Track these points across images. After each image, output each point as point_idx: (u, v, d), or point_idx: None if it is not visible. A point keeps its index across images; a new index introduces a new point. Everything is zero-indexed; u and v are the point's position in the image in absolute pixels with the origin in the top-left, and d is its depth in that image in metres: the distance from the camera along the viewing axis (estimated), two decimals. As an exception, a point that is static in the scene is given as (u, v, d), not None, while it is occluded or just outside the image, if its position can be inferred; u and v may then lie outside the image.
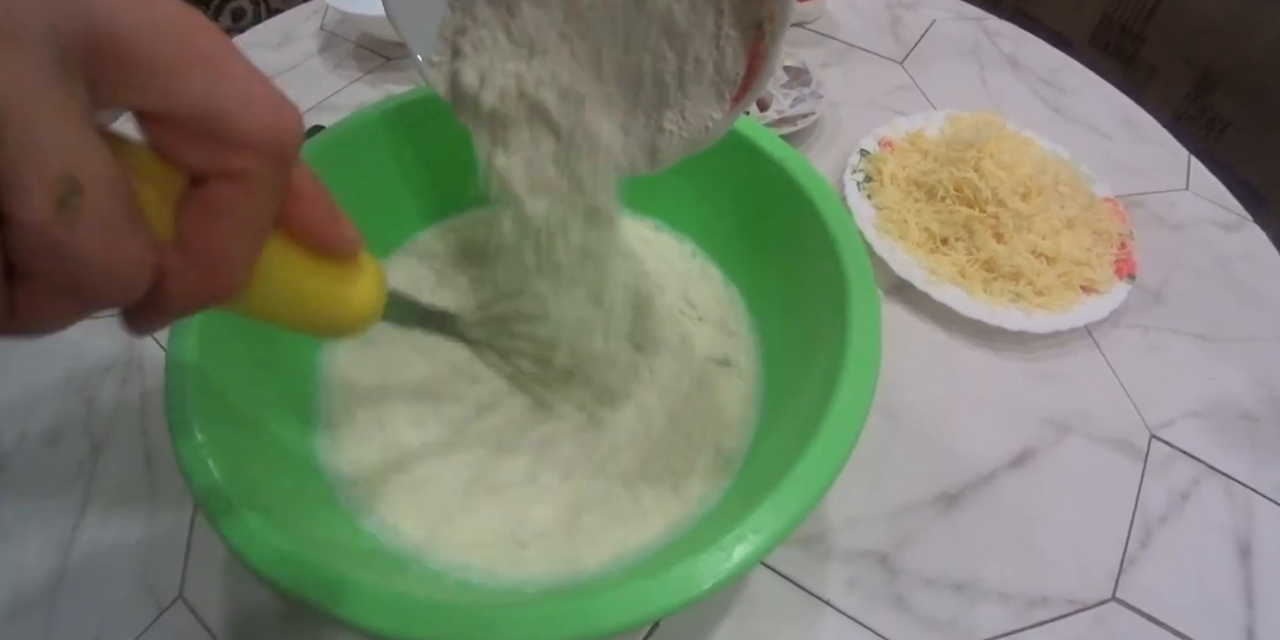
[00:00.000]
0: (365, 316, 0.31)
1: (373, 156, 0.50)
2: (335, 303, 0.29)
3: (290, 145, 0.21)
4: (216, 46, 0.20)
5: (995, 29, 0.87)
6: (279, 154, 0.21)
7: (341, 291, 0.29)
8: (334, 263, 0.28)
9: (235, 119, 0.20)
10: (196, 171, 0.21)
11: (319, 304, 0.28)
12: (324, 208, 0.26)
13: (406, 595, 0.32)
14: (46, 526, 0.49)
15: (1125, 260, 0.61)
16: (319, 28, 0.85)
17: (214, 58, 0.20)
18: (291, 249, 0.26)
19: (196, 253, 0.21)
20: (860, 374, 0.36)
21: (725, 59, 0.35)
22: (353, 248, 0.28)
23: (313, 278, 0.27)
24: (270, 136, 0.21)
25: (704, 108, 0.36)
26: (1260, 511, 0.51)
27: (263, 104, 0.21)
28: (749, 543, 0.31)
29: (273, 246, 0.25)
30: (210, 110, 0.20)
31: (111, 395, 0.55)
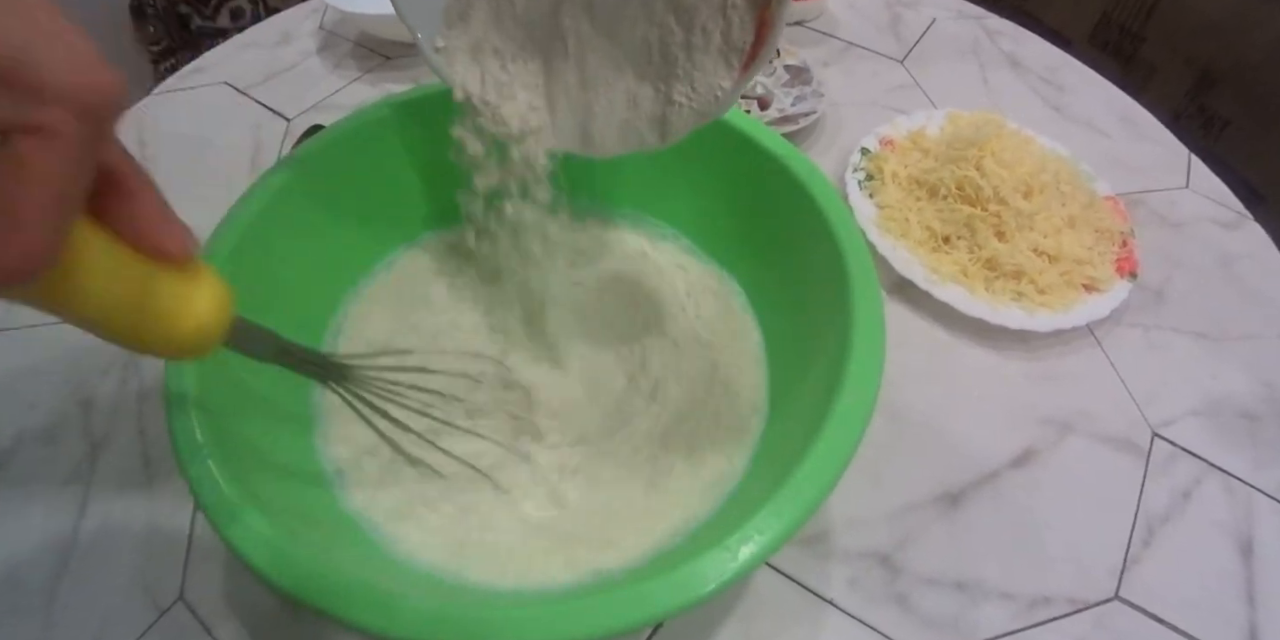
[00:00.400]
0: (199, 334, 0.28)
1: (373, 156, 0.50)
2: (164, 314, 0.27)
3: (106, 107, 0.20)
4: (37, 3, 0.19)
5: (995, 28, 0.87)
6: (92, 114, 0.20)
7: (172, 302, 0.27)
8: (167, 270, 0.26)
9: (44, 68, 0.19)
10: (1, 125, 0.19)
11: (145, 312, 0.26)
12: (153, 205, 0.25)
13: (410, 597, 0.32)
14: (45, 527, 0.49)
15: (1126, 258, 0.61)
16: (318, 27, 0.85)
17: (31, 8, 0.19)
18: (115, 247, 0.25)
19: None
20: (863, 376, 0.36)
21: (732, 28, 0.35)
22: (184, 253, 0.26)
23: (142, 281, 0.26)
24: (84, 93, 0.20)
25: (713, 78, 0.36)
26: (1261, 510, 0.51)
27: (79, 59, 0.20)
28: (753, 544, 0.31)
29: (94, 240, 0.24)
30: (17, 56, 0.19)
31: (109, 396, 0.55)
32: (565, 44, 0.39)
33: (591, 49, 0.39)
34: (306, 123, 0.71)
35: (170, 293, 0.27)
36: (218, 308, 0.28)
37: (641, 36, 0.37)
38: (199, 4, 1.13)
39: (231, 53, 0.82)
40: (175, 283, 0.27)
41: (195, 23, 1.15)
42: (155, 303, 0.26)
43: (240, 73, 0.79)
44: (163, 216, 0.25)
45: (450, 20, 0.41)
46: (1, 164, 0.19)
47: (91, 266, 0.24)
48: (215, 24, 1.17)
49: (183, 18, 1.14)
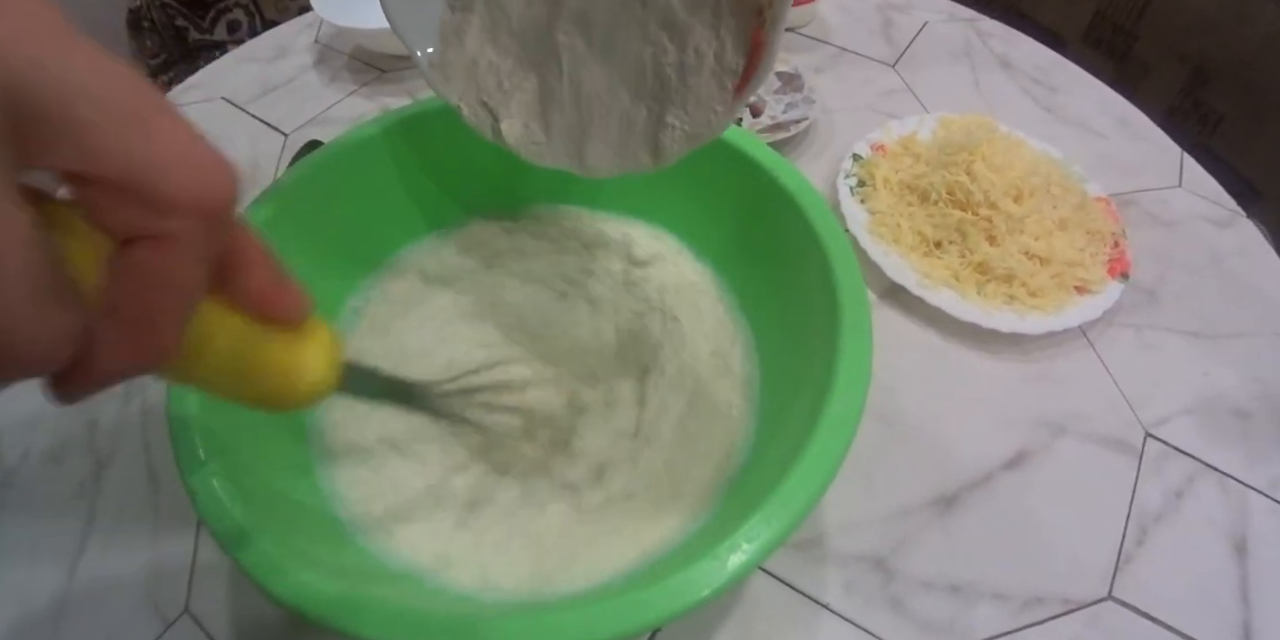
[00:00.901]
0: (316, 388, 0.29)
1: (370, 172, 0.51)
2: (282, 374, 0.28)
3: (220, 208, 0.21)
4: (148, 105, 0.19)
5: (987, 29, 0.87)
6: (208, 217, 0.20)
7: (289, 361, 0.28)
8: (282, 331, 0.27)
9: (161, 181, 0.19)
10: (124, 234, 0.20)
11: (264, 375, 0.27)
12: (269, 274, 0.26)
13: (412, 608, 0.32)
14: (51, 544, 0.50)
15: (1118, 259, 0.61)
16: (314, 41, 0.86)
17: (144, 117, 0.19)
18: (233, 317, 0.25)
19: (123, 317, 0.20)
20: (851, 383, 0.37)
21: (725, 49, 0.35)
22: (299, 316, 0.27)
23: (257, 347, 0.26)
24: (199, 199, 0.20)
25: (706, 100, 0.36)
26: (1255, 508, 0.51)
27: (194, 165, 0.20)
28: (743, 552, 0.32)
29: (213, 313, 0.24)
30: (136, 172, 0.19)
31: (114, 413, 0.55)
32: (560, 62, 0.39)
33: (586, 68, 0.39)
34: (303, 137, 0.72)
35: (286, 353, 0.28)
36: (330, 360, 0.29)
37: (636, 56, 0.37)
38: (195, 17, 1.14)
39: (228, 68, 0.83)
40: (290, 343, 0.28)
41: (192, 36, 1.15)
42: (272, 365, 0.27)
43: (237, 88, 0.80)
44: (278, 284, 0.26)
45: (446, 37, 0.41)
46: (127, 269, 0.20)
47: (210, 339, 0.24)
48: (212, 37, 1.18)
49: (179, 31, 1.15)
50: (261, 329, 0.26)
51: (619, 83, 0.38)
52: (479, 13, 0.40)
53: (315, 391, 0.29)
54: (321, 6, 0.77)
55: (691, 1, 0.35)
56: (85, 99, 0.18)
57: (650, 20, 0.36)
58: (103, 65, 0.19)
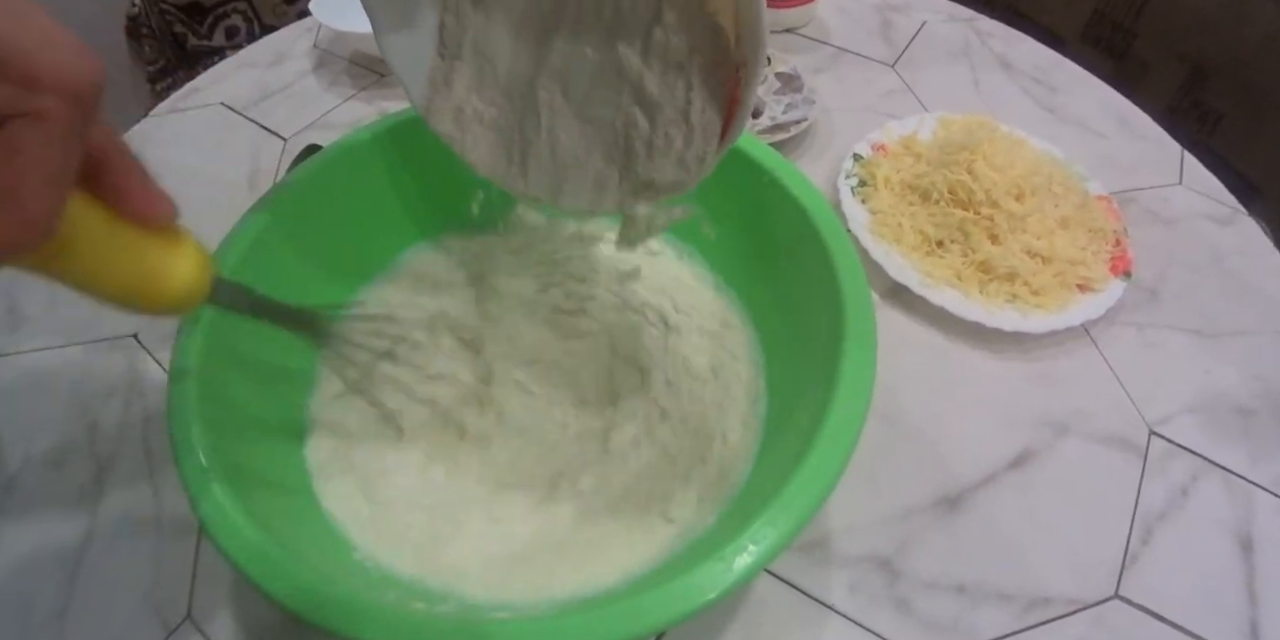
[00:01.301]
0: (185, 290, 0.31)
1: (369, 176, 0.51)
2: (152, 274, 0.29)
3: (89, 89, 0.22)
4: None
5: (986, 29, 0.87)
6: (77, 97, 0.22)
7: (158, 261, 0.30)
8: (151, 234, 0.29)
9: (32, 58, 0.21)
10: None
11: (133, 272, 0.29)
12: (136, 174, 0.27)
13: (414, 613, 0.32)
14: (53, 549, 0.50)
15: (1120, 257, 0.61)
16: (312, 46, 0.86)
17: (13, 6, 0.21)
18: (101, 214, 0.27)
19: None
20: (855, 385, 0.37)
21: (695, 134, 0.35)
22: (164, 216, 0.29)
23: (127, 245, 0.28)
24: (67, 78, 0.21)
25: (670, 175, 0.36)
26: (1260, 505, 0.51)
27: (62, 47, 0.21)
28: (749, 554, 0.32)
29: (83, 207, 0.26)
30: (6, 51, 0.20)
31: (114, 418, 0.55)
32: (539, 117, 0.39)
33: (563, 125, 0.39)
34: (303, 142, 0.72)
35: (157, 255, 0.30)
36: (200, 266, 0.31)
37: (609, 120, 0.37)
38: (194, 23, 1.14)
39: (227, 73, 0.83)
40: (161, 246, 0.30)
41: (190, 42, 1.16)
42: (144, 264, 0.29)
43: (236, 93, 0.80)
44: (145, 186, 0.28)
45: (435, 84, 0.41)
46: (1, 146, 0.21)
47: (84, 235, 0.26)
48: (211, 43, 1.18)
49: (178, 37, 1.15)
50: (133, 230, 0.28)
51: (594, 143, 0.38)
52: (466, 61, 0.40)
53: (184, 294, 0.31)
54: (320, 11, 0.77)
55: (662, 83, 0.34)
56: None
57: (624, 90, 0.36)
58: None
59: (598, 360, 0.51)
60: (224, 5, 1.16)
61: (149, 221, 0.28)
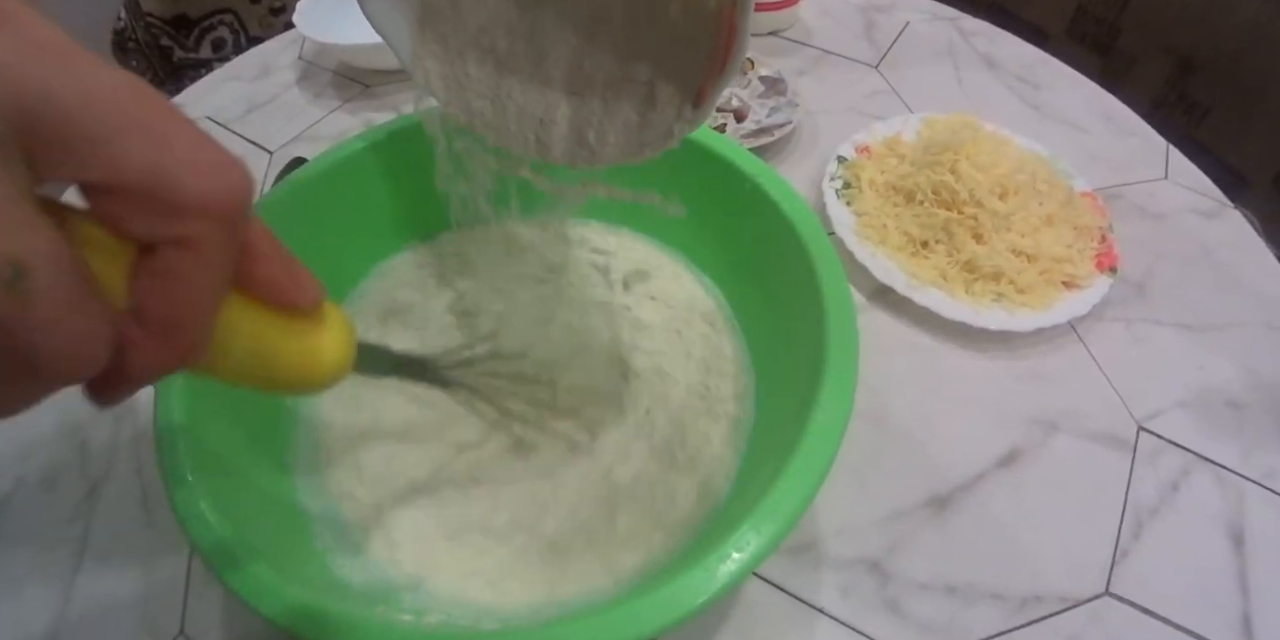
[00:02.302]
0: (334, 371, 0.30)
1: (355, 187, 0.51)
2: (302, 360, 0.28)
3: (238, 208, 0.21)
4: (156, 113, 0.20)
5: (970, 28, 0.87)
6: (227, 218, 0.21)
7: (307, 347, 0.29)
8: (297, 318, 0.28)
9: (178, 187, 0.20)
10: (145, 240, 0.20)
11: (285, 362, 0.28)
12: (281, 265, 0.26)
13: (404, 625, 0.32)
14: (46, 569, 0.50)
15: (1106, 254, 0.61)
16: (297, 58, 0.86)
17: (154, 125, 0.19)
18: (251, 308, 0.26)
19: (152, 322, 0.21)
20: (837, 388, 0.37)
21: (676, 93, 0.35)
22: (314, 303, 0.28)
23: (276, 336, 0.27)
24: (216, 201, 0.20)
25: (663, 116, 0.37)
26: (1251, 498, 0.51)
27: (206, 168, 0.20)
28: (734, 561, 0.32)
29: (232, 307, 0.25)
30: (152, 179, 0.19)
31: (105, 437, 0.55)
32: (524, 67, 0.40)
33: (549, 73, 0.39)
34: (289, 155, 0.72)
35: (307, 338, 0.28)
36: (348, 339, 0.30)
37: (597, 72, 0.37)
38: (180, 37, 1.14)
39: (212, 86, 0.83)
40: (307, 329, 0.29)
41: (177, 55, 1.15)
42: (295, 350, 0.28)
43: (221, 107, 0.80)
44: (292, 272, 0.26)
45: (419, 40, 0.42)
46: (152, 274, 0.21)
47: (232, 332, 0.25)
48: (197, 55, 1.17)
49: (164, 50, 1.14)
50: (279, 317, 0.27)
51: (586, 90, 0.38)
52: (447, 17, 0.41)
53: (334, 374, 0.30)
54: (304, 23, 0.78)
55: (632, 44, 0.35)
56: (94, 111, 0.18)
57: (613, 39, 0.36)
58: (107, 76, 0.19)
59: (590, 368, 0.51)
60: (210, 18, 1.15)
61: (296, 309, 0.27)
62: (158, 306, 0.21)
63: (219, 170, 0.21)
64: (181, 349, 0.22)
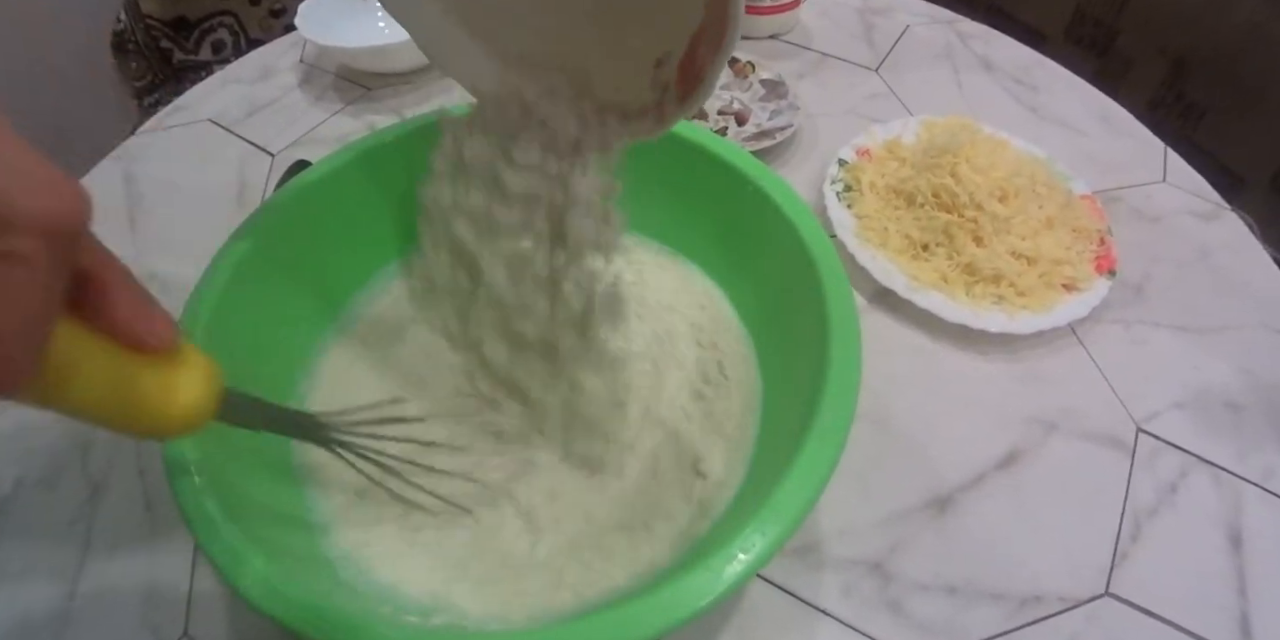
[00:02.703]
0: (189, 415, 0.29)
1: (358, 192, 0.51)
2: (151, 401, 0.27)
3: (69, 227, 0.21)
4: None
5: (968, 31, 0.88)
6: (56, 236, 0.20)
7: (161, 389, 0.28)
8: (152, 359, 0.27)
9: (4, 201, 0.19)
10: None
11: (135, 403, 0.27)
12: (133, 300, 0.25)
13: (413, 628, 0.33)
14: (49, 570, 0.50)
15: (1105, 256, 0.62)
16: (298, 60, 0.86)
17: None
18: (100, 344, 0.25)
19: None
20: (840, 390, 0.37)
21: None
22: (164, 342, 0.27)
23: (125, 374, 0.26)
24: (45, 218, 0.20)
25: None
26: (1249, 499, 0.52)
27: (38, 185, 0.20)
28: (739, 562, 0.32)
29: (78, 339, 0.24)
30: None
31: (107, 438, 0.55)
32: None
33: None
34: (290, 158, 0.72)
35: (155, 381, 0.27)
36: (205, 388, 0.29)
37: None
38: (180, 39, 1.14)
39: (213, 89, 0.83)
40: (160, 370, 0.28)
41: (177, 57, 1.15)
42: (141, 392, 0.27)
43: (223, 109, 0.80)
44: (141, 309, 0.26)
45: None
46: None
47: (73, 365, 0.24)
48: (197, 57, 1.17)
49: (164, 52, 1.14)
50: (131, 356, 0.26)
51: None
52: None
53: (189, 419, 0.29)
54: (305, 26, 0.78)
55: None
56: None
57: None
58: None
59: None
60: (210, 19, 1.16)
61: (146, 348, 0.26)
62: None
63: (51, 188, 0.20)
64: (3, 369, 0.21)
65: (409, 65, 0.81)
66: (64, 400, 0.25)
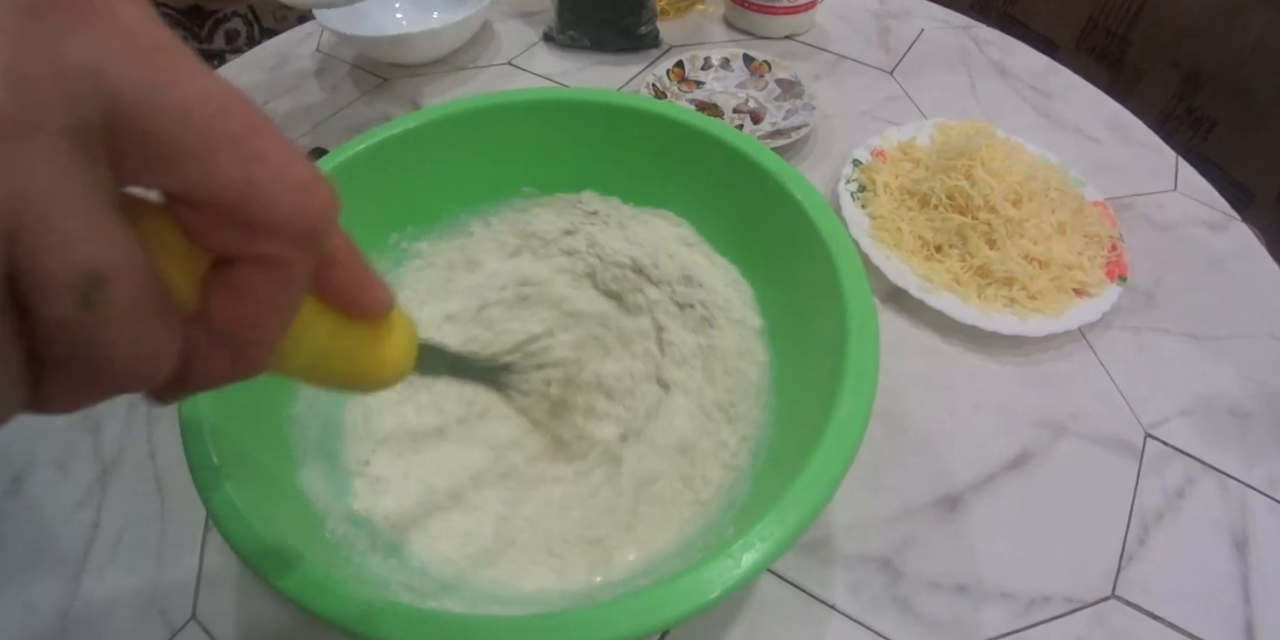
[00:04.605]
0: (396, 375, 0.30)
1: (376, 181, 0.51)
2: (367, 363, 0.28)
3: (322, 229, 0.21)
4: (248, 127, 0.19)
5: (983, 37, 0.88)
6: (310, 239, 0.20)
7: (374, 351, 0.28)
8: (366, 324, 0.28)
9: (264, 205, 0.19)
10: (223, 253, 0.20)
11: (351, 365, 0.28)
12: (357, 273, 0.25)
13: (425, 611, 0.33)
14: (57, 551, 0.50)
15: (1116, 262, 0.62)
16: (315, 49, 0.86)
17: (244, 140, 0.19)
18: (322, 313, 0.25)
19: (223, 336, 0.20)
20: (858, 387, 0.37)
21: None
22: (385, 310, 0.27)
23: (345, 340, 0.27)
24: (300, 222, 0.20)
25: None
26: (1255, 506, 0.52)
27: (294, 188, 0.20)
28: (756, 551, 0.32)
29: (304, 312, 0.24)
30: (239, 197, 0.19)
31: (119, 421, 0.55)
32: None
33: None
34: (306, 146, 0.72)
35: (371, 343, 0.28)
36: (410, 346, 0.30)
37: None
38: (194, 27, 1.14)
39: (230, 76, 0.83)
40: (375, 334, 0.28)
41: (190, 46, 1.16)
42: (358, 354, 0.28)
43: (239, 96, 0.80)
44: (367, 280, 0.26)
45: None
46: (227, 288, 0.20)
47: (299, 337, 0.25)
48: (211, 46, 1.18)
49: (179, 41, 1.15)
50: (348, 323, 0.27)
51: None
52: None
53: (396, 377, 0.30)
54: (324, 14, 0.78)
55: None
56: (188, 122, 0.18)
57: None
58: (206, 84, 0.18)
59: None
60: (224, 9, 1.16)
61: (369, 316, 0.27)
62: (230, 322, 0.20)
63: (307, 190, 0.20)
64: (247, 363, 0.21)
65: (426, 56, 0.81)
66: (286, 369, 0.25)
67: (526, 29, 0.89)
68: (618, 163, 0.54)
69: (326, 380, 0.28)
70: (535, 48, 0.86)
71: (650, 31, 0.83)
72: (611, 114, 0.52)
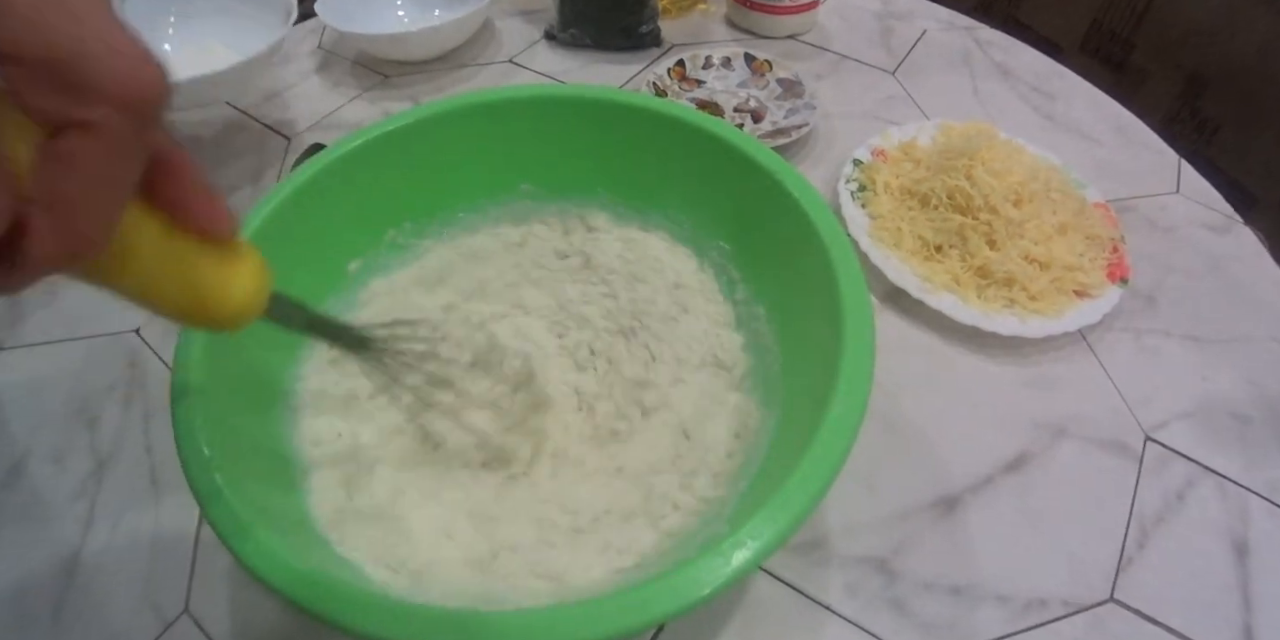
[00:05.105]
0: (241, 307, 0.30)
1: (375, 175, 0.51)
2: (209, 288, 0.28)
3: (150, 100, 0.21)
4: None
5: (986, 38, 0.88)
6: (137, 108, 0.20)
7: (216, 277, 0.28)
8: (211, 247, 0.28)
9: (90, 67, 0.19)
10: (52, 120, 0.20)
11: (191, 286, 0.28)
12: (195, 186, 0.26)
13: (414, 605, 0.32)
14: (52, 543, 0.50)
15: (1117, 264, 0.62)
16: (317, 46, 0.86)
17: (76, 3, 0.19)
18: (163, 227, 0.26)
19: (52, 204, 0.20)
20: (853, 385, 0.37)
21: None
22: (226, 231, 0.28)
23: (186, 258, 0.27)
24: (127, 88, 0.20)
25: None
26: (1254, 510, 0.52)
27: (123, 55, 0.20)
28: (747, 549, 0.32)
29: (141, 218, 0.25)
30: (64, 55, 0.19)
31: (114, 414, 0.55)
32: None
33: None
34: (307, 141, 0.72)
35: (215, 269, 0.28)
36: (259, 283, 0.30)
37: None
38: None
39: (231, 73, 0.83)
40: (220, 259, 0.28)
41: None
42: (201, 279, 0.28)
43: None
44: (207, 197, 0.26)
45: None
46: (53, 158, 0.20)
47: (140, 246, 0.25)
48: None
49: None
50: (191, 242, 0.27)
51: None
52: None
53: (241, 311, 0.30)
54: (325, 11, 0.78)
55: None
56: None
57: None
58: None
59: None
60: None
61: (208, 235, 0.27)
62: (57, 189, 0.20)
63: (134, 59, 0.20)
64: (79, 237, 0.21)
65: (426, 54, 0.81)
66: (123, 278, 0.25)
67: (527, 27, 0.89)
68: (617, 160, 0.54)
69: (163, 301, 0.27)
70: (536, 46, 0.86)
71: (651, 30, 0.83)
72: (611, 111, 0.52)
